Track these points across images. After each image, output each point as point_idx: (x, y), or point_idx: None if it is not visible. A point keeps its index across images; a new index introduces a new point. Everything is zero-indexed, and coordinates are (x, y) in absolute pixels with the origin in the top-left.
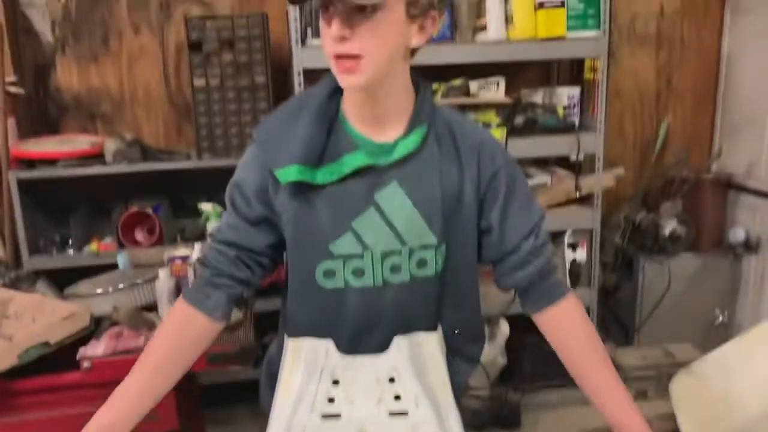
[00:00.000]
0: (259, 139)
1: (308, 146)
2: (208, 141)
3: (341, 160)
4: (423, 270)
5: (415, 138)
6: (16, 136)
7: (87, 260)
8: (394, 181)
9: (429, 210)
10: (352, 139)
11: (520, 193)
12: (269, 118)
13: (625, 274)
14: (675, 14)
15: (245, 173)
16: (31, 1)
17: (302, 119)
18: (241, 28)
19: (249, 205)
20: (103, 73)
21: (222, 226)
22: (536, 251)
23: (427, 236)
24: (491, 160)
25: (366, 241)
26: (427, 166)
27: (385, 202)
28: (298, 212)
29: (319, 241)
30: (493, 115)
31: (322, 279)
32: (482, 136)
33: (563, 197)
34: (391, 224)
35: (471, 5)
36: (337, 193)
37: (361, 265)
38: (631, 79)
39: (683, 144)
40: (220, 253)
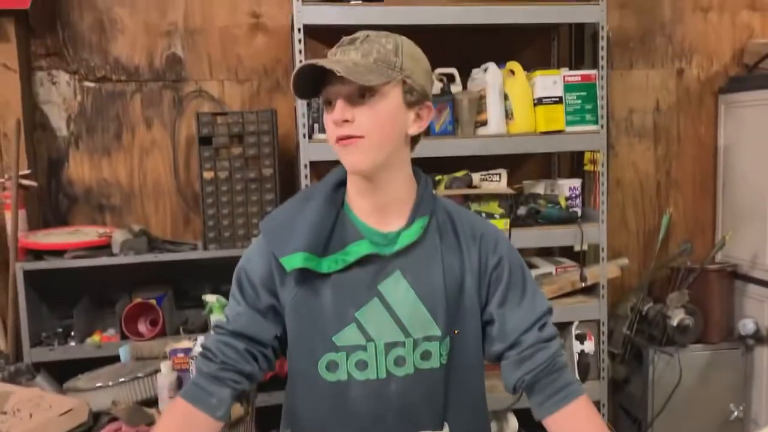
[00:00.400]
0: (265, 229)
1: (314, 235)
2: (214, 232)
3: (346, 250)
4: (427, 362)
5: (416, 228)
6: (26, 227)
7: (89, 352)
8: (397, 271)
9: (433, 301)
10: (356, 229)
11: (522, 284)
12: (276, 211)
13: (635, 365)
14: (670, 109)
15: (251, 263)
16: (49, 98)
17: (308, 209)
18: (250, 124)
19: (257, 293)
20: (115, 166)
21: (229, 316)
22: (541, 345)
23: (431, 328)
24: (492, 250)
25: (370, 333)
26: (429, 256)
27: (389, 293)
28: (303, 301)
29: (323, 332)
30: (495, 205)
31: (324, 371)
32: (483, 226)
33: (569, 287)
34: (395, 315)
35: (472, 101)
36: (342, 282)
37: (365, 357)
38: (630, 170)
39: (686, 234)
40: (228, 345)
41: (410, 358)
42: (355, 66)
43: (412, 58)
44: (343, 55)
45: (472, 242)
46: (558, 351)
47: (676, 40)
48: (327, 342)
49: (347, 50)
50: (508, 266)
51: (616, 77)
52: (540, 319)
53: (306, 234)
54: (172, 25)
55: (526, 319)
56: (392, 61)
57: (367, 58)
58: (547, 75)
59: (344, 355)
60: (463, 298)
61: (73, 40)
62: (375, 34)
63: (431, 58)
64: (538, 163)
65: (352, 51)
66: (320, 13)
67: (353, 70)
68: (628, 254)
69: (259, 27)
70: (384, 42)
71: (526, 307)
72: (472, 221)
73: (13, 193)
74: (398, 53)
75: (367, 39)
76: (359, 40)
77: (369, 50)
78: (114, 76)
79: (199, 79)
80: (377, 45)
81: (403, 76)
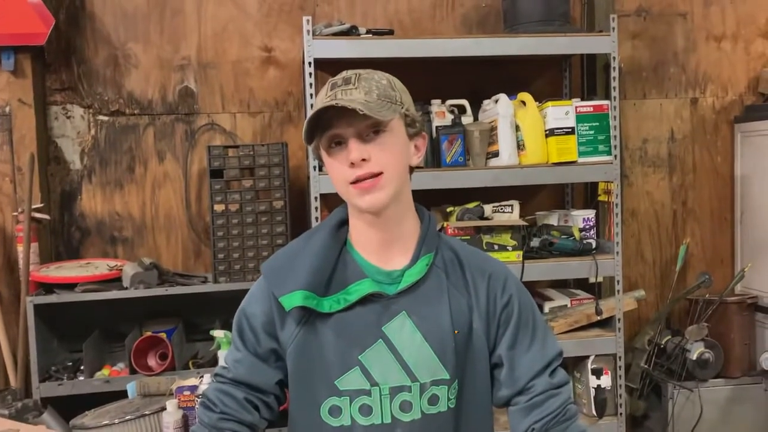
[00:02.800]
0: (266, 271)
1: (315, 274)
2: (225, 265)
3: (348, 289)
4: (435, 407)
5: (421, 266)
6: (38, 260)
7: (97, 387)
8: (402, 311)
9: (440, 343)
10: (359, 267)
11: (533, 326)
12: (278, 253)
13: (654, 401)
14: (685, 138)
15: (253, 306)
16: (63, 132)
17: (309, 249)
18: (261, 156)
19: (257, 338)
20: (127, 199)
21: (229, 363)
22: (551, 391)
23: (439, 371)
24: (501, 290)
25: (374, 377)
26: (435, 295)
27: (394, 335)
28: (304, 343)
29: (325, 376)
30: (508, 237)
31: (327, 416)
32: (491, 264)
33: (584, 320)
34: (400, 358)
35: (483, 132)
36: (344, 324)
37: (369, 402)
38: (645, 201)
39: (704, 265)
40: (227, 394)
41: (417, 403)
42: (367, 103)
43: (404, 92)
44: (346, 95)
45: (480, 281)
46: (569, 398)
47: (689, 70)
48: (330, 386)
49: (348, 90)
50: (518, 307)
51: (629, 107)
52: (550, 364)
53: (306, 273)
54: (185, 60)
55: (536, 363)
56: (392, 96)
57: (370, 95)
58: (558, 106)
59: (347, 399)
60: (472, 340)
61: (87, 74)
62: (365, 72)
63: (441, 90)
64: (551, 193)
65: (354, 91)
66: (331, 47)
67: (369, 107)
68: (644, 286)
69: (271, 61)
70: (378, 78)
71: (536, 351)
72: (479, 259)
73: (26, 226)
74: (394, 88)
75: (362, 77)
76: (355, 79)
77: (369, 88)
78: (127, 110)
79: (212, 112)
80: (374, 82)
81: (404, 110)
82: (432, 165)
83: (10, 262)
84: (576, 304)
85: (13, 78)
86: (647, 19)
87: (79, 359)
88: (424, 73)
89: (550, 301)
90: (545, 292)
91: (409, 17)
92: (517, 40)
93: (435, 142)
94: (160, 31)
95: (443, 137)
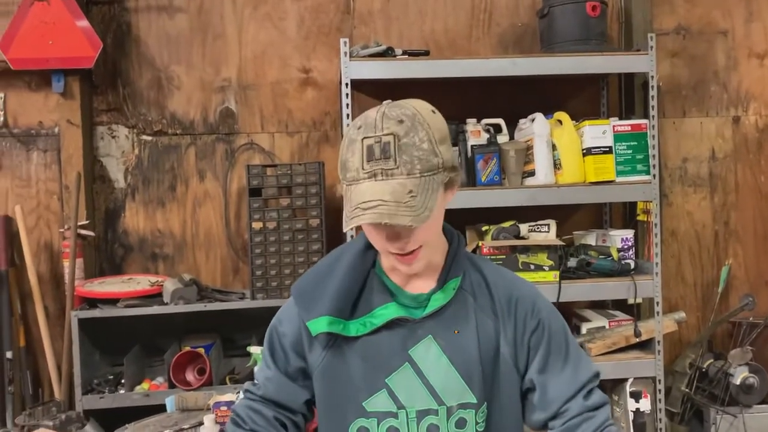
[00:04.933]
0: (295, 293)
1: (340, 299)
2: (262, 281)
3: (374, 313)
4: (463, 431)
5: (448, 290)
6: (83, 275)
7: (137, 401)
8: (428, 336)
9: (467, 367)
10: (386, 290)
11: (565, 349)
12: (307, 273)
13: (695, 426)
14: (727, 157)
15: (284, 325)
16: (108, 152)
17: (337, 271)
18: (298, 175)
19: (286, 356)
20: (168, 216)
21: (260, 381)
22: (587, 414)
23: (466, 395)
24: (530, 315)
25: (401, 400)
26: (461, 319)
27: (420, 359)
28: (331, 367)
29: (352, 398)
30: (544, 257)
31: None
32: (519, 287)
33: (622, 342)
34: (426, 382)
35: (519, 152)
36: (371, 347)
37: (396, 424)
38: (686, 221)
39: (748, 287)
40: (257, 412)
41: (444, 427)
42: (411, 196)
43: (442, 141)
44: (386, 176)
45: (507, 306)
46: (606, 420)
47: (731, 88)
48: (357, 407)
49: (389, 171)
50: (548, 330)
51: (669, 126)
52: (585, 386)
53: (333, 298)
54: (226, 81)
55: (570, 386)
56: (435, 163)
57: (412, 174)
58: (596, 125)
59: (375, 421)
60: (499, 364)
61: (132, 96)
62: (403, 131)
63: (477, 109)
64: (588, 213)
65: (395, 170)
66: (367, 68)
67: (416, 209)
68: (685, 308)
69: (309, 81)
70: (418, 142)
71: (569, 374)
72: (507, 282)
73: (72, 242)
74: (434, 145)
75: (402, 145)
76: (394, 147)
77: (410, 162)
78: (170, 130)
79: (251, 132)
80: (415, 150)
81: (446, 174)
82: (467, 184)
83: (56, 277)
84: (614, 325)
85: (63, 99)
86: (686, 37)
87: (120, 373)
88: (460, 92)
89: (587, 322)
90: (583, 313)
91: (445, 37)
92: (553, 59)
93: (470, 161)
94: (202, 54)
95: (478, 156)
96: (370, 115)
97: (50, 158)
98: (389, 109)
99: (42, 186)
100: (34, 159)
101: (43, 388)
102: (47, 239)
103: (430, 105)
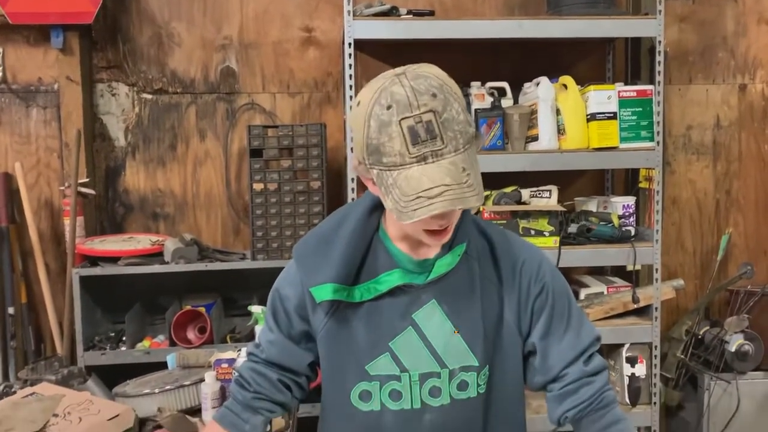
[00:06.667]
0: (298, 256)
1: (344, 266)
2: (263, 243)
3: (379, 279)
4: (464, 392)
5: (453, 256)
6: (84, 233)
7: (138, 358)
8: (432, 300)
9: (470, 331)
10: (390, 256)
11: (567, 314)
12: (309, 236)
13: (690, 391)
14: (732, 125)
15: (286, 288)
16: (109, 110)
17: (340, 238)
18: (300, 137)
19: (290, 320)
20: (169, 176)
21: (263, 343)
22: (585, 379)
23: (468, 358)
24: (534, 279)
25: (404, 363)
26: (465, 284)
27: (424, 323)
28: (335, 330)
29: (356, 361)
30: (545, 222)
31: (357, 401)
32: (524, 251)
33: (620, 308)
34: (430, 346)
35: (522, 116)
36: (374, 311)
37: (399, 387)
38: (688, 188)
39: (747, 255)
40: (261, 374)
41: (446, 389)
42: (467, 174)
43: (465, 107)
44: (437, 157)
45: (511, 272)
46: (604, 386)
47: (739, 54)
48: (360, 371)
49: (437, 151)
50: (552, 295)
51: (674, 92)
52: (585, 351)
53: (337, 264)
54: (227, 39)
55: (570, 352)
56: (471, 133)
57: (458, 150)
58: (601, 90)
59: (377, 384)
60: (502, 329)
61: (132, 53)
62: (441, 106)
63: (481, 72)
64: (590, 179)
65: (444, 149)
66: (371, 27)
67: (474, 186)
68: (683, 275)
69: (311, 41)
70: (455, 114)
71: (571, 339)
72: (512, 247)
73: (72, 200)
74: (466, 115)
75: (443, 121)
76: (435, 126)
77: (454, 137)
78: (170, 89)
79: (252, 92)
80: (455, 124)
81: (476, 135)
82: None
83: (56, 234)
84: (612, 291)
85: (62, 56)
86: (696, 1)
87: (122, 330)
88: (464, 55)
89: (586, 287)
90: (582, 279)
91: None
92: (560, 22)
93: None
94: (203, 11)
95: (482, 120)
96: (397, 91)
97: (50, 115)
98: (414, 81)
99: (42, 143)
100: (34, 116)
101: (45, 343)
102: (47, 197)
103: (440, 69)
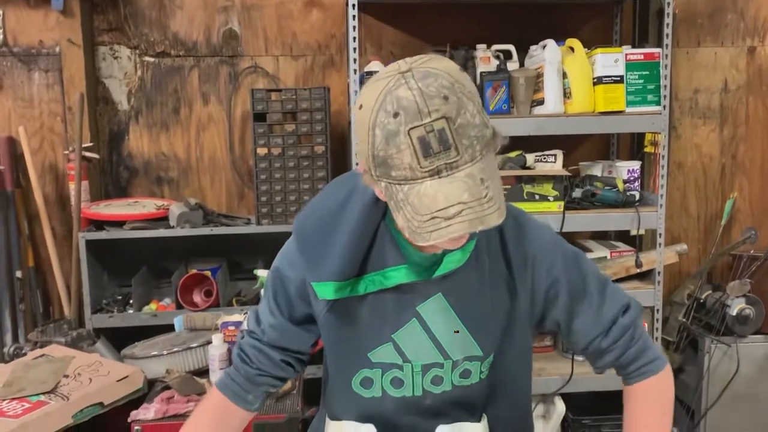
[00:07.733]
0: (299, 237)
1: (348, 259)
2: (267, 207)
3: (385, 273)
4: (467, 380)
5: (464, 253)
6: (89, 197)
7: (145, 320)
8: (438, 293)
9: (477, 325)
10: (397, 249)
11: (587, 297)
12: (311, 210)
13: (690, 354)
14: (739, 89)
15: (287, 269)
16: (111, 73)
17: (344, 225)
18: (303, 101)
19: (291, 303)
20: (173, 140)
21: (264, 324)
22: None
23: (472, 349)
24: (547, 272)
25: (407, 354)
26: (473, 278)
27: (428, 315)
28: (337, 319)
29: (357, 349)
30: (549, 187)
31: (358, 387)
32: (536, 246)
33: (623, 272)
34: (434, 338)
35: (528, 79)
36: (378, 303)
37: (401, 375)
38: (693, 153)
39: (751, 220)
40: (264, 354)
41: (448, 377)
42: (486, 187)
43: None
44: (452, 170)
45: (523, 266)
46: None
47: (748, 16)
48: (362, 358)
49: (452, 163)
50: (567, 284)
51: (682, 55)
52: (612, 323)
53: (341, 258)
54: (229, 1)
55: (594, 329)
56: (488, 135)
57: (475, 158)
58: (608, 53)
59: (379, 372)
60: (511, 320)
61: (134, 15)
62: (454, 111)
63: (488, 34)
64: (595, 144)
65: (459, 160)
66: None
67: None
68: (687, 240)
69: (314, 2)
70: (470, 117)
71: (594, 317)
72: (523, 239)
73: (76, 164)
74: (483, 115)
75: (456, 128)
76: (449, 135)
77: (470, 145)
78: (173, 52)
79: (255, 55)
80: (471, 130)
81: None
82: None
83: (62, 198)
84: (616, 256)
85: (63, 18)
86: None
87: (128, 294)
88: (470, 17)
89: (589, 252)
90: (585, 244)
91: None
92: None
93: (479, 88)
94: None
95: (487, 83)
96: (403, 95)
97: (52, 78)
98: (422, 82)
99: (45, 107)
100: (36, 79)
101: (53, 306)
102: (52, 161)
103: (451, 61)
